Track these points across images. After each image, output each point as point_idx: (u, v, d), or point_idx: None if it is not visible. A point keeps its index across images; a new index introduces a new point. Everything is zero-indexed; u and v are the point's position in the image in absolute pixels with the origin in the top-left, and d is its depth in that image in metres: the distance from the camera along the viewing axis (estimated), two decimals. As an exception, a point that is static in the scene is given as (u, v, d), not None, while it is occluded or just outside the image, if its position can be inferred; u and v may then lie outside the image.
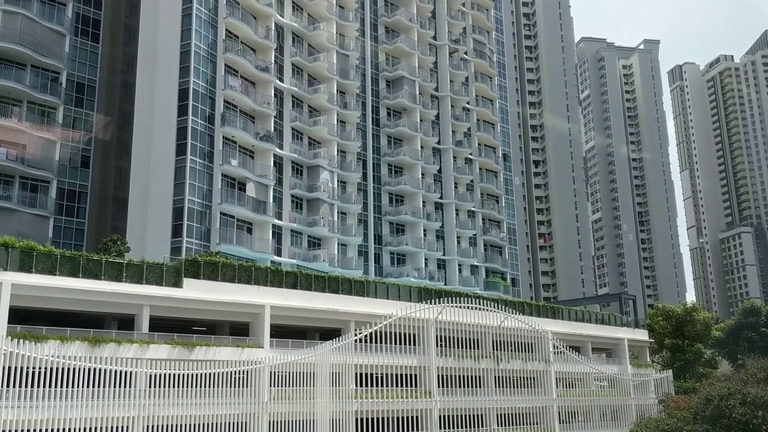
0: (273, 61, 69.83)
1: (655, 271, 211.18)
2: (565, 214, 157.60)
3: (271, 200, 66.70)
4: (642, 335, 74.56)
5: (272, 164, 67.66)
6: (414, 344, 49.20)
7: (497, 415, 53.19)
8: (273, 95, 69.21)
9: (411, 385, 48.62)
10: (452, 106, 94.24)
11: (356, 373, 45.29)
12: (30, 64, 60.53)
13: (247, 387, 40.08)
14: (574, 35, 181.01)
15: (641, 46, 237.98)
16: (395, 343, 47.57)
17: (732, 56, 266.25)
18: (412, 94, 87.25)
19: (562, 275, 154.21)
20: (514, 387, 55.21)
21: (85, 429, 33.61)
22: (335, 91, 77.23)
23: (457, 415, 50.26)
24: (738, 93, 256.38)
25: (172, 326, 41.48)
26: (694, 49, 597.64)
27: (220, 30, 65.33)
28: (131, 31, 69.51)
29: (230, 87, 64.52)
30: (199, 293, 40.64)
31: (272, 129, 68.20)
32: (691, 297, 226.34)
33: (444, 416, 49.36)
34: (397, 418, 46.92)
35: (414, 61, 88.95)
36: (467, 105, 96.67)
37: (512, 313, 55.59)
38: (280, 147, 70.10)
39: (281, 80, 71.76)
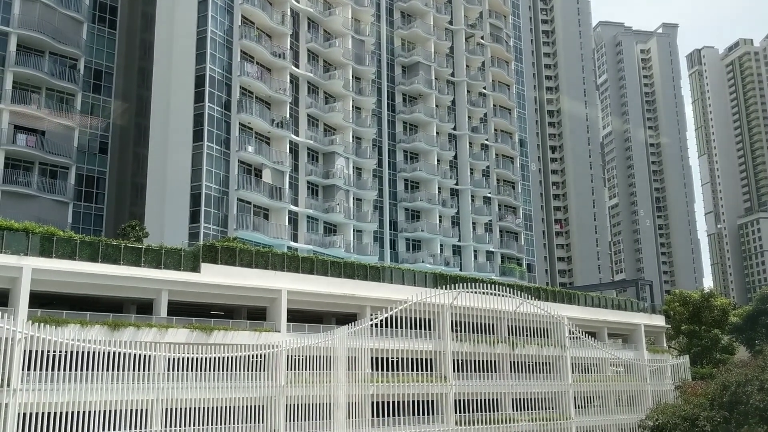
0: (288, 47, 69.85)
1: (672, 257, 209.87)
2: (581, 200, 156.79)
3: (287, 187, 66.94)
4: (659, 321, 74.34)
5: (288, 151, 67.83)
6: (429, 329, 49.40)
7: (513, 399, 53.36)
8: (288, 81, 69.27)
9: (426, 370, 48.86)
10: (468, 91, 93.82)
11: (372, 358, 45.60)
12: (48, 51, 61.01)
13: (264, 371, 40.47)
14: (592, 19, 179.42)
15: (659, 30, 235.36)
16: (411, 328, 47.80)
17: (751, 40, 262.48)
18: (428, 80, 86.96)
19: (578, 261, 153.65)
20: (529, 372, 55.29)
21: (105, 412, 34.16)
22: (351, 77, 77.16)
23: (472, 400, 50.48)
24: (757, 77, 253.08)
25: (190, 311, 41.93)
26: (713, 33, 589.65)
27: (236, 16, 65.39)
28: (148, 18, 69.75)
29: (246, 73, 64.65)
30: (217, 278, 41.00)
31: (288, 115, 68.32)
32: (708, 283, 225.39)
33: (459, 400, 49.60)
34: (413, 402, 47.25)
35: (430, 46, 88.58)
36: (483, 90, 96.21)
37: (528, 298, 55.59)
38: (296, 133, 70.24)
39: (297, 66, 71.78)
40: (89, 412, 33.65)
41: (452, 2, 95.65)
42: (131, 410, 35.10)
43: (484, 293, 52.38)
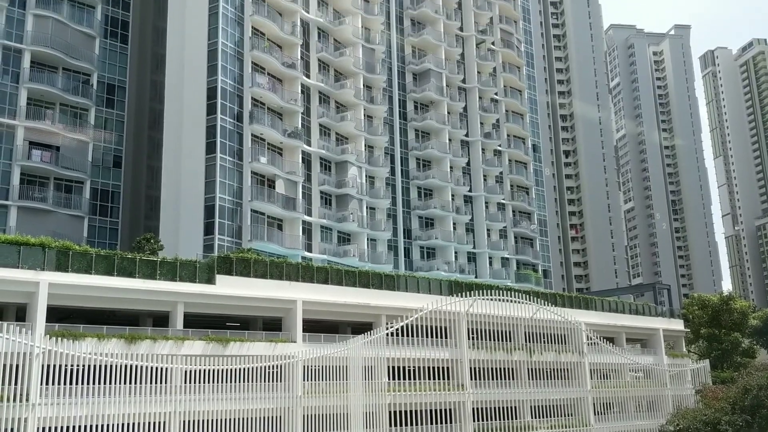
0: (299, 58, 70.05)
1: (690, 260, 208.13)
2: (596, 204, 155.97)
3: (301, 197, 67.00)
4: (677, 325, 73.62)
5: (300, 161, 67.89)
6: (446, 337, 49.19)
7: (531, 407, 52.98)
8: (300, 92, 69.42)
9: (444, 378, 48.63)
10: (480, 97, 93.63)
11: (389, 367, 45.46)
12: (62, 66, 61.62)
13: (280, 381, 40.46)
14: (603, 22, 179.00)
15: (672, 32, 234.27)
16: (427, 337, 47.60)
17: (765, 39, 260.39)
18: (439, 87, 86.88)
19: (595, 266, 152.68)
20: (547, 379, 54.95)
21: (122, 425, 34.22)
22: (362, 86, 77.23)
23: (490, 408, 50.15)
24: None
25: (206, 322, 41.98)
26: (727, 33, 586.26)
27: (247, 27, 65.67)
28: (159, 31, 70.18)
29: (258, 84, 64.88)
30: (232, 289, 41.04)
31: (300, 126, 68.44)
32: (727, 285, 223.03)
33: (477, 409, 49.28)
34: (431, 411, 47.00)
35: (440, 53, 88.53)
36: (495, 96, 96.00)
37: (544, 304, 55.24)
38: (308, 143, 70.33)
39: (308, 76, 71.94)
40: (107, 425, 33.74)
41: (462, 8, 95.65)
42: (149, 423, 35.17)
43: (500, 300, 52.15)
